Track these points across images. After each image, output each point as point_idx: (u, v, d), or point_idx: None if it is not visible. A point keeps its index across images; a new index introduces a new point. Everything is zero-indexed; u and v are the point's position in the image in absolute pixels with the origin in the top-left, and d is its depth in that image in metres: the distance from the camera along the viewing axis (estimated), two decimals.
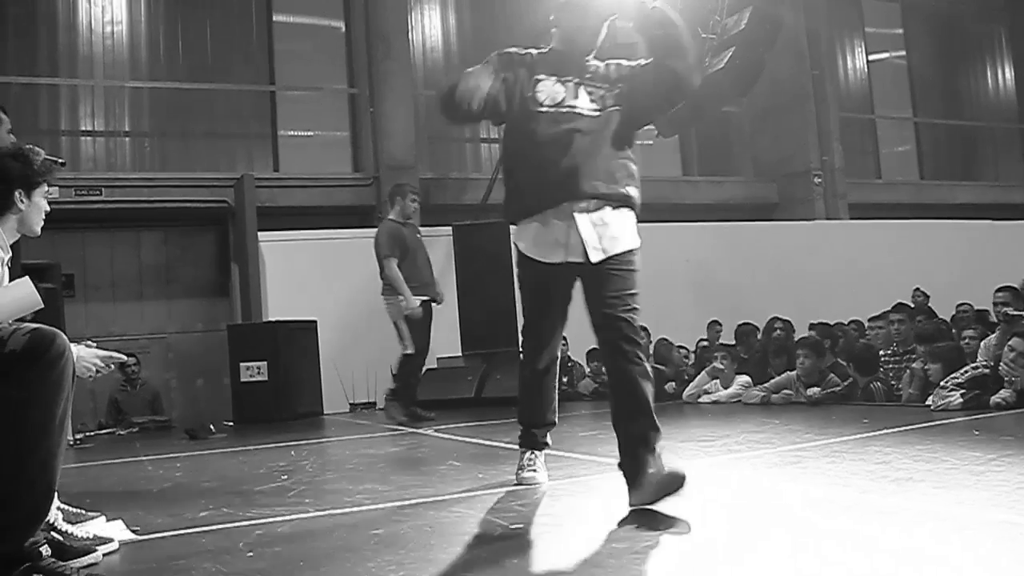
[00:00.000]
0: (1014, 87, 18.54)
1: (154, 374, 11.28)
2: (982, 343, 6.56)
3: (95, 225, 11.29)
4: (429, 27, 13.81)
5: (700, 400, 8.06)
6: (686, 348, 10.05)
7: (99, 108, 11.93)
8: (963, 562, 2.25)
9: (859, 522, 2.76)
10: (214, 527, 3.32)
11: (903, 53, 17.86)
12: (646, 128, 4.73)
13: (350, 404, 10.38)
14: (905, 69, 17.81)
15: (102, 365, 3.01)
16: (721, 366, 8.06)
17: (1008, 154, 18.34)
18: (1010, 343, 5.76)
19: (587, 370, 10.16)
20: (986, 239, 13.88)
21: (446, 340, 10.59)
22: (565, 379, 9.78)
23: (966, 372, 5.97)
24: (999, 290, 7.54)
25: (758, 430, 5.41)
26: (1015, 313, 6.35)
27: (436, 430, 6.90)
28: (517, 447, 3.96)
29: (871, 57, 17.29)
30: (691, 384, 8.36)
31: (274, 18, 12.94)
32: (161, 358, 11.89)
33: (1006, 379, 5.72)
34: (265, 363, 9.58)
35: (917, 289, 10.74)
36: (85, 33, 11.91)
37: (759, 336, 9.59)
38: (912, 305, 9.65)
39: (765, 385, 7.54)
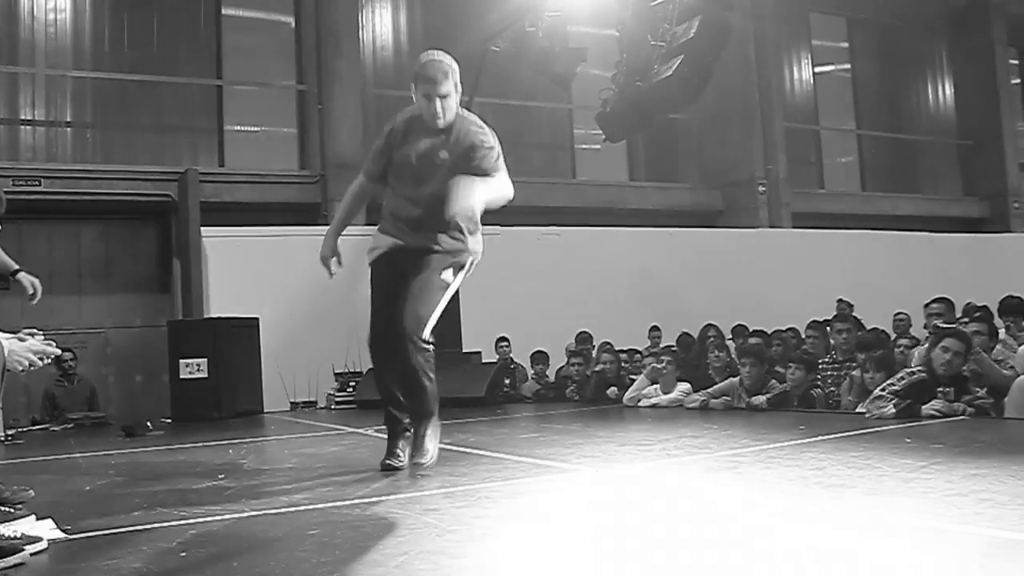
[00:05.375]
0: (953, 103, 18.97)
1: (91, 369, 11.09)
2: (915, 351, 6.67)
3: (33, 216, 11.03)
4: (380, 25, 13.76)
5: (640, 404, 8.08)
6: (637, 350, 9.96)
7: (40, 97, 11.70)
8: (890, 567, 2.30)
9: (791, 527, 2.81)
10: (147, 526, 3.26)
11: (848, 66, 18.21)
12: (593, 132, 4.79)
13: (291, 403, 10.31)
14: (850, 82, 18.16)
15: (35, 359, 2.95)
16: (660, 366, 8.06)
17: (946, 168, 18.76)
18: (943, 344, 5.82)
19: (530, 372, 10.16)
20: (924, 251, 14.19)
21: None
22: (508, 381, 9.78)
23: (902, 378, 6.05)
24: (933, 301, 7.66)
25: (697, 435, 5.45)
26: (945, 326, 6.47)
27: (376, 431, 6.86)
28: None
29: (817, 69, 17.61)
30: (631, 388, 8.38)
31: (223, 11, 12.82)
32: (99, 353, 11.69)
33: (939, 389, 5.80)
34: (205, 360, 9.50)
35: (841, 300, 10.89)
36: (27, 20, 11.68)
37: (695, 344, 9.71)
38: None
39: (708, 390, 7.57)
